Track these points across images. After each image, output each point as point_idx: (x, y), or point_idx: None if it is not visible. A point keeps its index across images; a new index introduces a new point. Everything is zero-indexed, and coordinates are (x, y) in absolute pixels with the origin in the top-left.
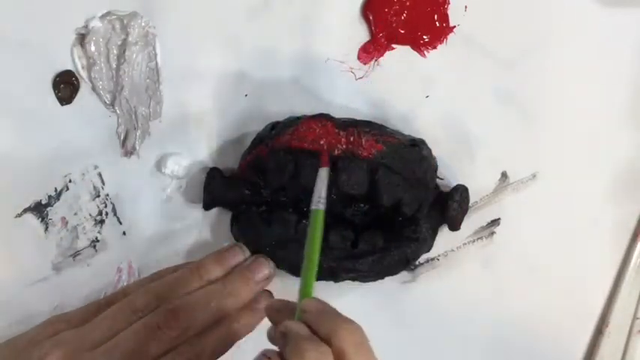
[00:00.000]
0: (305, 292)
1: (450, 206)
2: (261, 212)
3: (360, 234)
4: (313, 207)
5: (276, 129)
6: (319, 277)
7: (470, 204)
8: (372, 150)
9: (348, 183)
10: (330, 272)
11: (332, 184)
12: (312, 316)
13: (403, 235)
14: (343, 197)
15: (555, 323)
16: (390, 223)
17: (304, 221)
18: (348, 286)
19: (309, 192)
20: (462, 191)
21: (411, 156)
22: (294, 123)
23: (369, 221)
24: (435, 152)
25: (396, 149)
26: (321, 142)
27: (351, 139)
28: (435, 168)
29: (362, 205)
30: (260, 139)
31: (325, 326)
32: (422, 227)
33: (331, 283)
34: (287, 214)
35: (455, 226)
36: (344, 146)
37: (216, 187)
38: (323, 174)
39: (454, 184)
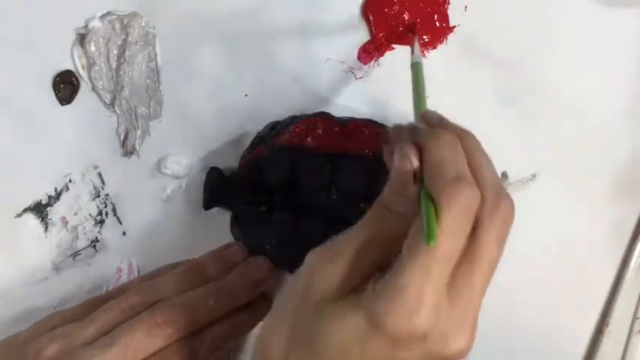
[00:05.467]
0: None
1: None
2: (261, 212)
3: None
4: (413, 61)
5: (276, 129)
6: None
7: None
8: (372, 149)
9: (348, 182)
10: None
11: (331, 183)
12: (435, 120)
13: None
14: (343, 196)
15: (555, 323)
16: None
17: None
18: None
19: (308, 192)
20: None
21: None
22: (293, 122)
23: None
24: None
25: None
26: (322, 142)
27: (351, 137)
28: None
29: (362, 204)
30: (260, 139)
31: (451, 126)
32: None
33: None
34: (286, 214)
35: None
36: (343, 145)
37: (216, 187)
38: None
39: None
